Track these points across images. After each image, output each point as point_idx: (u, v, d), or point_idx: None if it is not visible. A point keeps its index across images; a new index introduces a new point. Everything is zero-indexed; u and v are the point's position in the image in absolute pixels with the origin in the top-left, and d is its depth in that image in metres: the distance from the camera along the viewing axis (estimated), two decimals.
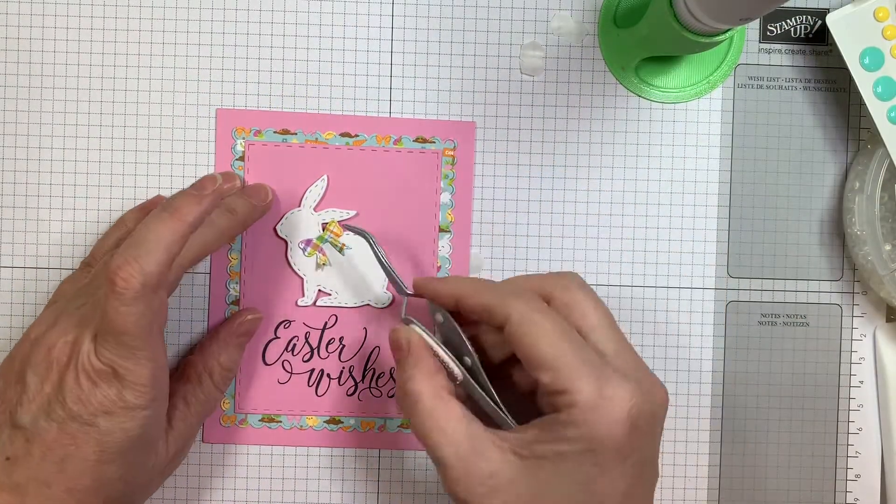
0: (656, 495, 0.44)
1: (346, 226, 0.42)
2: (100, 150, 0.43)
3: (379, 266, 0.40)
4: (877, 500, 0.45)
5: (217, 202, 0.37)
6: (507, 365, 0.39)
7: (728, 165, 0.44)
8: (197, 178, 0.39)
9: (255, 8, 0.43)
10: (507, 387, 0.38)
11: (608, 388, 0.33)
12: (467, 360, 0.37)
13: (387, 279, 0.43)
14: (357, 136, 0.43)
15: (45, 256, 0.43)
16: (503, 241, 0.44)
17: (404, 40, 0.43)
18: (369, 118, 0.43)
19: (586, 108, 0.44)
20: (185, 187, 0.38)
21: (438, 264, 0.43)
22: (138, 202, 0.43)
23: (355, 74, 0.43)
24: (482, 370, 0.37)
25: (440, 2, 0.43)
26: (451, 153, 0.43)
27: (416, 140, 0.43)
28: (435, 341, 0.37)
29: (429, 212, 0.43)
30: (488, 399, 0.37)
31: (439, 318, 0.38)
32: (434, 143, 0.43)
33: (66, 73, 0.43)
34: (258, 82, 0.43)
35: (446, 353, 0.37)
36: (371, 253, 0.40)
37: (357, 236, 0.43)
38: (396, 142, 0.43)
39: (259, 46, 0.43)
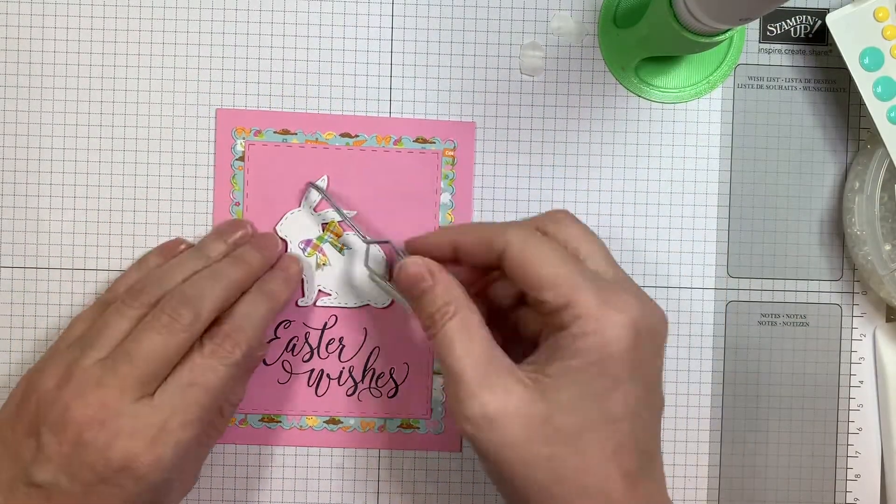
0: None
1: (369, 240, 0.42)
2: (100, 150, 0.43)
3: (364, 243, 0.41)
4: (877, 500, 0.45)
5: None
6: (511, 315, 0.39)
7: (728, 165, 0.44)
8: (197, 176, 0.39)
9: (255, 8, 0.43)
10: (515, 340, 0.38)
11: (611, 297, 0.34)
12: None
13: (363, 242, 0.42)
14: (357, 136, 0.43)
15: (45, 256, 0.43)
16: None
17: (404, 40, 0.43)
18: (369, 118, 0.43)
19: (586, 108, 0.44)
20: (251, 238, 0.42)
21: None
22: (138, 200, 0.43)
23: (355, 74, 0.43)
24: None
25: (440, 2, 0.43)
26: (452, 153, 0.43)
27: (417, 140, 0.43)
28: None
29: (429, 212, 0.43)
30: None
31: None
32: (434, 143, 0.43)
33: (67, 73, 0.43)
34: (258, 82, 0.43)
35: None
36: (375, 252, 0.41)
37: (355, 237, 0.43)
38: (396, 142, 0.43)
39: (259, 46, 0.43)
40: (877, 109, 0.42)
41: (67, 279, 0.43)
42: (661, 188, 0.44)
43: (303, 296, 0.43)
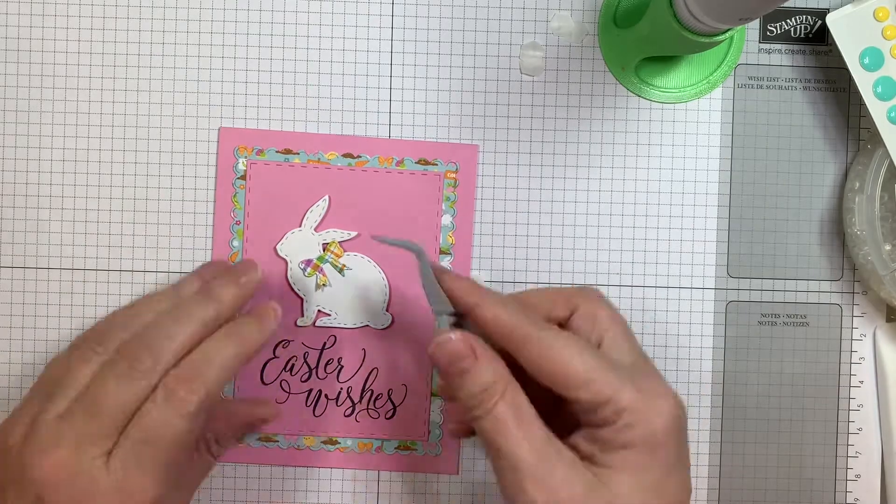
0: None
1: (384, 240, 0.38)
2: (99, 161, 0.43)
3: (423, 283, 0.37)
4: (877, 500, 0.45)
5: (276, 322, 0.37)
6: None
7: (728, 165, 0.44)
8: (196, 188, 0.38)
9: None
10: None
11: (645, 385, 0.34)
12: None
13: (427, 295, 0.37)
14: (359, 156, 0.43)
15: (45, 256, 0.43)
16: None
17: (404, 40, 0.43)
18: (371, 139, 0.43)
19: (586, 108, 0.44)
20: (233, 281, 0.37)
21: None
22: (138, 213, 0.43)
23: (355, 74, 0.43)
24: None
25: (440, 2, 0.43)
26: (454, 176, 0.43)
27: (419, 162, 0.43)
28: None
29: (430, 234, 0.43)
30: None
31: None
32: (436, 165, 0.43)
33: (66, 86, 0.43)
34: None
35: None
36: (376, 273, 0.42)
37: (358, 256, 0.43)
38: (398, 163, 0.43)
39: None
40: (877, 109, 0.42)
41: (67, 279, 0.43)
42: (661, 188, 0.44)
43: (302, 315, 0.43)
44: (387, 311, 0.43)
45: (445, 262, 0.43)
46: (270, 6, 0.43)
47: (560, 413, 0.35)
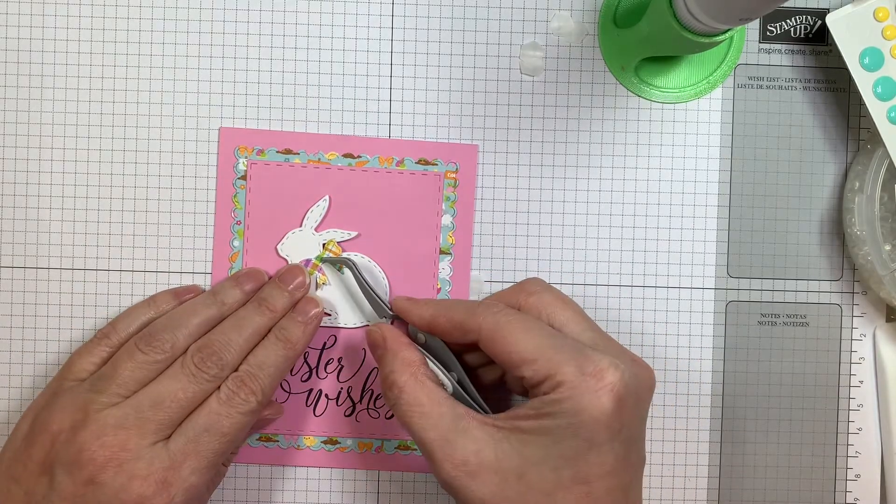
0: (655, 495, 0.44)
1: (328, 259, 0.42)
2: (100, 162, 0.43)
3: (362, 293, 0.42)
4: (877, 500, 0.45)
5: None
6: (499, 386, 0.40)
7: (728, 165, 0.44)
8: (196, 188, 0.38)
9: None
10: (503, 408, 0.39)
11: (589, 365, 0.34)
12: (454, 374, 0.38)
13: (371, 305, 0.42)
14: (359, 156, 0.43)
15: (45, 256, 0.43)
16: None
17: (404, 40, 0.43)
18: (371, 139, 0.43)
19: (586, 108, 0.44)
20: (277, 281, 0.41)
21: (438, 286, 0.43)
22: (138, 212, 0.43)
23: (355, 74, 0.43)
24: (470, 382, 0.39)
25: (440, 2, 0.43)
26: (454, 176, 0.43)
27: (419, 162, 0.43)
28: (424, 353, 0.38)
29: (429, 234, 0.43)
30: (478, 409, 0.38)
31: (421, 337, 0.40)
32: (436, 165, 0.43)
33: (66, 86, 0.43)
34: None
35: (434, 363, 0.38)
36: (376, 272, 0.42)
37: (358, 256, 0.43)
38: (399, 163, 0.43)
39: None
40: (877, 109, 0.42)
41: (67, 279, 0.43)
42: (661, 188, 0.44)
43: None
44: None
45: (445, 263, 0.43)
46: (270, 6, 0.43)
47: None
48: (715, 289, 0.44)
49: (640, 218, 0.44)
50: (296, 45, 0.43)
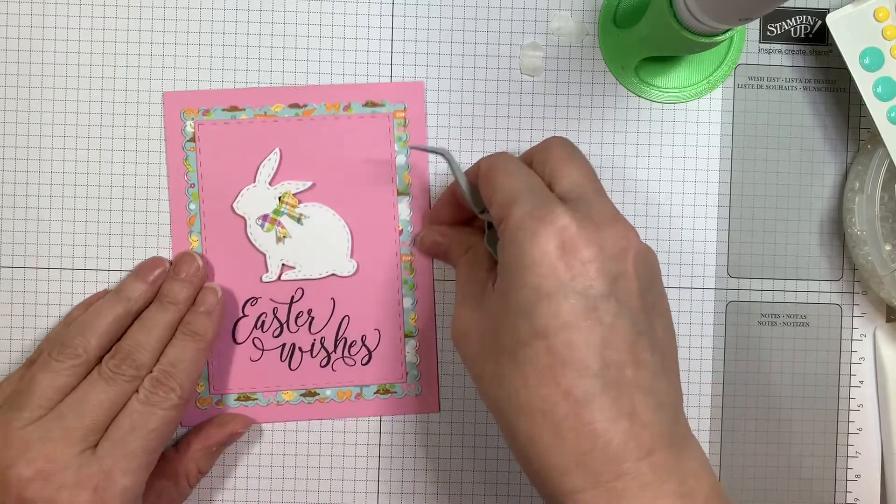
0: None
1: (417, 146, 0.40)
2: (100, 162, 0.43)
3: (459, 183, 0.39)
4: (877, 500, 0.45)
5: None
6: None
7: (728, 165, 0.44)
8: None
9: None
10: None
11: (540, 210, 0.32)
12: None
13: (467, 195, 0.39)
14: (305, 105, 0.43)
15: (45, 256, 0.43)
16: None
17: (404, 40, 0.43)
18: (316, 87, 0.43)
19: (586, 108, 0.44)
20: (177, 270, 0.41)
21: (400, 228, 0.43)
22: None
23: (356, 75, 0.43)
24: None
25: (440, 2, 0.43)
26: (402, 115, 0.43)
27: (366, 105, 0.43)
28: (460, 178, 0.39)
29: (385, 175, 0.43)
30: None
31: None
32: (384, 106, 0.43)
33: (66, 86, 0.43)
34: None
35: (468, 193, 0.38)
36: (335, 220, 0.43)
37: (315, 206, 0.43)
38: (346, 108, 0.43)
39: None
40: (877, 109, 0.42)
41: (67, 279, 0.43)
42: (661, 188, 0.44)
43: (266, 271, 0.43)
44: (351, 257, 0.43)
45: (405, 203, 0.43)
46: None
47: None
48: (715, 289, 0.44)
49: (640, 218, 0.44)
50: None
